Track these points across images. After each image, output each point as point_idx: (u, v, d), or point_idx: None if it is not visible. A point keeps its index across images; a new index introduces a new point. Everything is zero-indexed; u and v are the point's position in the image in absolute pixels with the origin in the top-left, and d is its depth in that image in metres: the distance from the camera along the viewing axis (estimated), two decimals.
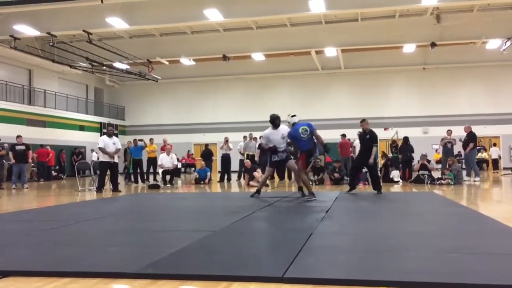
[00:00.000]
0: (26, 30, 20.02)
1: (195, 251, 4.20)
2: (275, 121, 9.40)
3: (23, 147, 15.69)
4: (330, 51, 24.21)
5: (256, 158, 16.73)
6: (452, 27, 21.35)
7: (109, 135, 12.85)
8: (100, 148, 12.54)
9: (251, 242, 4.75)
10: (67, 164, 24.74)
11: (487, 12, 20.83)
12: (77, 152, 25.45)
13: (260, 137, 17.43)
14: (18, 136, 16.03)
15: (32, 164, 20.64)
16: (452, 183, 12.93)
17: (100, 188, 12.40)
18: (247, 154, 16.85)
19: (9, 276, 3.44)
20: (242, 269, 3.45)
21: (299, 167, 9.29)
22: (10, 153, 15.64)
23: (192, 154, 28.74)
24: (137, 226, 6.11)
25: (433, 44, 22.27)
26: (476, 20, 21.01)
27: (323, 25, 22.39)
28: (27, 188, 14.93)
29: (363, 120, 10.62)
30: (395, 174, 14.81)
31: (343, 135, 16.31)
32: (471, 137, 14.66)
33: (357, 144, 15.94)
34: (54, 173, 22.09)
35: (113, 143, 12.63)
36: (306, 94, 28.88)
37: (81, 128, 28.18)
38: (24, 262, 3.91)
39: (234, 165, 17.78)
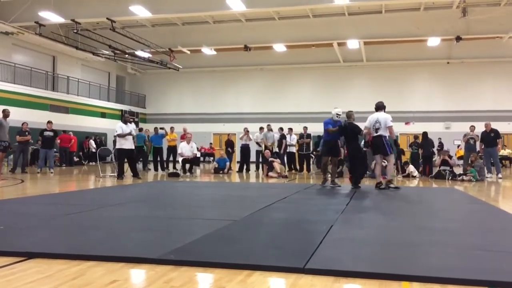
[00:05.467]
0: (51, 16, 20.25)
1: (217, 239, 4.23)
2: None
3: (51, 133, 15.94)
4: (353, 43, 23.98)
5: (276, 149, 16.75)
6: (478, 21, 20.91)
7: (125, 122, 13.03)
8: (117, 135, 12.68)
9: (271, 232, 4.76)
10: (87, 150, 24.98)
11: None
12: (97, 139, 25.70)
13: (280, 129, 17.44)
14: (49, 122, 16.24)
15: (55, 150, 20.98)
16: (475, 179, 12.75)
17: (120, 175, 12.58)
18: (264, 145, 16.86)
19: (34, 258, 3.51)
20: (264, 259, 3.47)
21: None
22: (40, 138, 15.93)
23: (211, 143, 28.87)
24: (158, 213, 6.18)
25: (458, 38, 21.88)
26: (503, 14, 20.54)
27: (346, 16, 22.17)
28: (52, 173, 15.19)
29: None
30: (412, 169, 14.66)
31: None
32: (497, 133, 14.40)
33: None
34: (76, 159, 22.40)
35: (130, 130, 12.83)
36: (327, 86, 28.70)
37: (103, 115, 28.51)
38: (49, 244, 3.98)
39: (254, 156, 17.80)
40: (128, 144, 12.69)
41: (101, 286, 2.87)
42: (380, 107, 9.94)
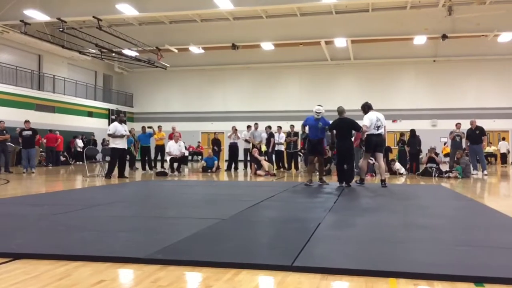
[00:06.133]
0: (36, 15, 20.04)
1: (204, 238, 4.23)
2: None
3: (30, 132, 15.75)
4: (340, 42, 24.06)
5: (264, 148, 16.77)
6: (464, 20, 21.10)
7: (121, 122, 13.00)
8: (110, 135, 12.62)
9: (259, 231, 4.77)
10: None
11: (500, 4, 20.58)
12: (84, 138, 25.50)
13: (267, 127, 17.48)
14: (26, 121, 16.09)
15: (41, 149, 20.78)
16: (460, 176, 12.88)
17: (109, 174, 12.52)
18: (252, 144, 16.87)
19: (20, 258, 3.48)
20: (251, 257, 3.47)
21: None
22: (20, 138, 15.77)
23: (199, 142, 28.81)
24: (146, 213, 6.16)
25: (444, 36, 22.06)
26: (488, 12, 20.76)
27: (333, 15, 22.24)
28: (33, 172, 15.05)
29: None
30: (399, 166, 14.76)
31: None
32: (482, 131, 14.55)
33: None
34: (62, 158, 22.22)
35: (125, 131, 12.85)
36: (315, 85, 28.78)
37: (90, 114, 28.29)
38: (35, 245, 3.94)
39: (242, 154, 17.80)
40: (122, 143, 12.73)
41: (88, 286, 2.85)
42: (371, 106, 10.03)
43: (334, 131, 9.95)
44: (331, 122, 10.10)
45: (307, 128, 10.21)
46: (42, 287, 2.85)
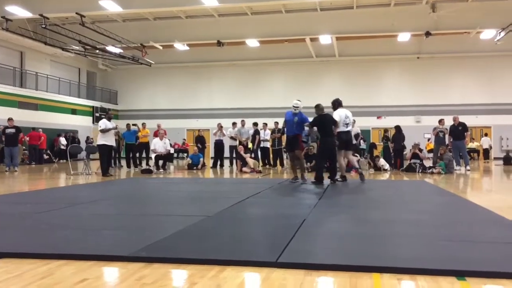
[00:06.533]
0: (18, 11, 19.75)
1: (189, 235, 4.22)
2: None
3: (13, 130, 15.54)
4: (325, 39, 24.12)
5: (250, 145, 16.76)
6: (447, 17, 21.32)
7: (109, 119, 13.04)
8: (101, 130, 12.55)
9: (244, 228, 4.78)
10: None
11: (482, 2, 20.82)
12: (69, 136, 25.23)
13: (254, 124, 17.49)
14: (9, 119, 15.87)
15: (24, 147, 20.52)
16: (444, 172, 13.04)
17: (105, 172, 12.59)
18: (239, 141, 16.85)
19: (2, 258, 3.44)
20: (236, 254, 3.48)
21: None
22: (2, 136, 15.57)
23: (184, 139, 28.69)
24: (130, 210, 6.12)
25: (427, 33, 22.25)
26: (471, 10, 20.99)
27: (318, 12, 22.28)
28: (16, 171, 14.86)
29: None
30: (383, 162, 14.87)
31: None
32: (465, 127, 14.73)
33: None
34: (46, 157, 21.97)
35: (113, 126, 12.92)
36: (300, 82, 28.80)
37: (73, 111, 27.96)
38: (17, 244, 3.90)
39: (228, 152, 17.76)
40: (111, 140, 12.82)
41: (71, 285, 2.83)
42: (341, 103, 10.10)
43: (315, 128, 9.92)
44: (310, 119, 10.04)
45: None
46: (25, 286, 2.82)
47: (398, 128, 15.45)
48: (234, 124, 17.66)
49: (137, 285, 2.82)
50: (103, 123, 12.63)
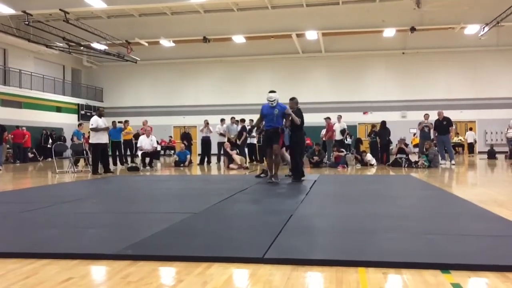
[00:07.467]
0: (0, 8, 19.43)
1: (175, 232, 4.20)
2: None
3: None
4: (311, 35, 24.14)
5: (239, 142, 16.70)
6: (432, 12, 21.45)
7: (100, 116, 12.85)
8: (92, 129, 12.42)
9: (231, 224, 4.77)
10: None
11: None
12: (53, 134, 24.98)
13: (241, 120, 17.45)
14: None
15: (8, 146, 20.26)
16: (426, 164, 13.19)
17: (95, 170, 12.43)
18: (227, 138, 16.81)
19: None
20: (222, 250, 3.47)
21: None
22: None
23: (171, 136, 28.57)
24: (116, 208, 6.08)
25: (412, 29, 22.38)
26: (455, 5, 21.13)
27: (304, 8, 22.27)
28: (0, 170, 14.67)
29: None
30: (370, 157, 14.96)
31: (328, 118, 16.22)
32: (449, 121, 14.87)
33: (337, 127, 16.10)
34: (30, 155, 21.72)
35: (104, 124, 12.71)
36: (287, 77, 28.80)
37: (58, 109, 27.67)
38: (1, 244, 3.86)
39: (214, 148, 17.72)
40: (104, 138, 12.64)
41: (56, 284, 2.80)
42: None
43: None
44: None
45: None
46: (8, 286, 2.78)
47: (383, 124, 15.54)
48: (222, 120, 17.62)
49: (123, 283, 2.80)
50: (95, 121, 12.45)
